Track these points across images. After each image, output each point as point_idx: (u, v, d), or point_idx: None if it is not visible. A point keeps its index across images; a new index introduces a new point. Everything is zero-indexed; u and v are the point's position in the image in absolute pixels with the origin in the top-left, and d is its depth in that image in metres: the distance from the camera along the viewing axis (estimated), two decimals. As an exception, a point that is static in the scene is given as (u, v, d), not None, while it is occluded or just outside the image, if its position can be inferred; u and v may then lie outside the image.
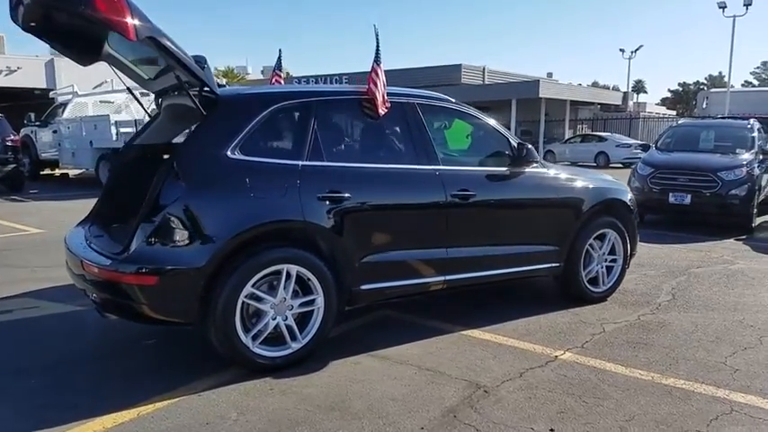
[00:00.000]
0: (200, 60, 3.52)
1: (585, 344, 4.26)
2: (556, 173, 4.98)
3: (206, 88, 3.62)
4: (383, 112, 4.06)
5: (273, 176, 3.62)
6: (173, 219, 3.37)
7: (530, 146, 4.63)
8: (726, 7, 28.68)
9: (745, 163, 9.10)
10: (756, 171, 9.14)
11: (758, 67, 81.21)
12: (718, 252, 7.63)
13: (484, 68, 37.12)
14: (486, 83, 36.41)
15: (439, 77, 33.76)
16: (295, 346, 3.71)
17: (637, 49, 43.12)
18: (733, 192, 8.78)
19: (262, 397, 3.36)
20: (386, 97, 4.09)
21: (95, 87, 18.29)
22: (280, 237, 3.63)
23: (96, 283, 3.49)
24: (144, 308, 3.38)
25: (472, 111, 4.73)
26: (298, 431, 3.00)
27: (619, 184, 5.64)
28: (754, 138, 9.89)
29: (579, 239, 5.01)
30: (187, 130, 4.75)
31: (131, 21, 3.10)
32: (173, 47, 3.32)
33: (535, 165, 4.72)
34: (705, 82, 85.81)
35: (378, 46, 4.11)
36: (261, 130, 3.68)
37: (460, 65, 35.02)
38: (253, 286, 3.52)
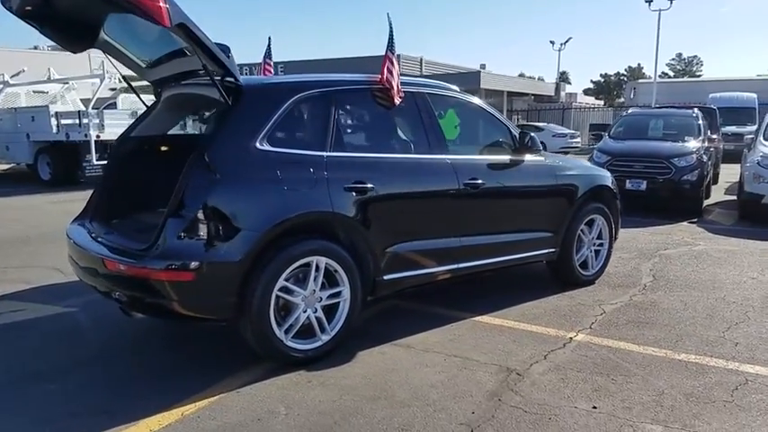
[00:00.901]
0: (225, 49, 3.41)
1: (593, 325, 4.44)
2: (552, 161, 5.14)
3: (229, 78, 3.51)
4: (398, 102, 4.06)
5: (302, 168, 3.57)
6: (209, 212, 3.26)
7: (532, 134, 4.76)
8: (652, 1, 30.10)
9: (694, 150, 9.65)
10: (704, 158, 9.71)
11: (673, 59, 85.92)
12: (677, 234, 8.07)
13: (421, 59, 37.48)
14: (424, 74, 36.81)
15: (376, 68, 33.80)
16: (324, 338, 3.68)
17: (566, 42, 44.67)
18: (685, 177, 9.30)
19: (303, 390, 3.32)
20: (400, 87, 4.09)
21: (12, 77, 17.14)
22: (310, 229, 3.59)
23: (122, 280, 3.33)
24: (175, 305, 3.26)
25: (475, 100, 4.81)
26: (352, 421, 2.99)
27: (602, 170, 5.87)
28: (700, 126, 10.50)
29: (573, 225, 5.20)
30: (188, 122, 4.60)
31: (164, 5, 2.96)
32: (201, 34, 3.20)
33: (535, 153, 4.85)
34: (625, 73, 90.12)
35: (391, 34, 4.10)
36: (285, 120, 3.61)
37: (399, 55, 35.08)
38: (285, 279, 3.47)
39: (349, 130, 3.90)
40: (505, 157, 4.73)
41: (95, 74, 13.95)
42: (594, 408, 3.16)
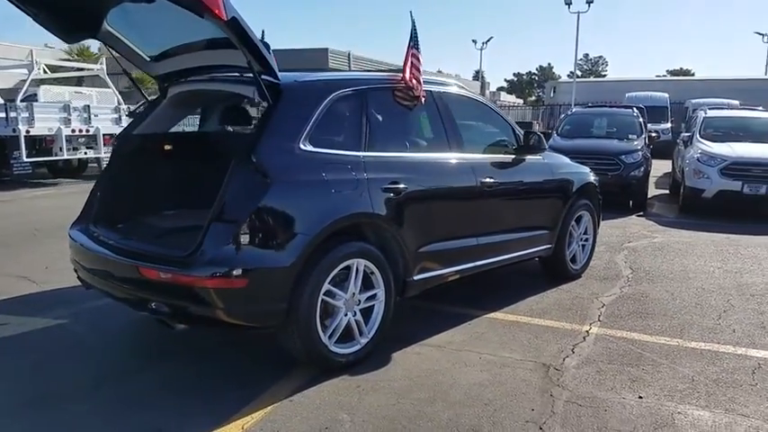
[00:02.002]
0: (266, 46, 3.27)
1: (600, 318, 4.62)
2: (549, 159, 5.28)
3: (268, 76, 3.36)
4: (423, 101, 4.05)
5: (343, 169, 3.49)
6: (260, 216, 3.12)
7: (539, 134, 4.88)
8: (571, 3, 31.48)
9: (640, 147, 10.22)
10: (648, 154, 10.31)
11: (581, 59, 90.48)
12: (633, 228, 8.52)
13: (349, 54, 37.46)
14: (353, 69, 36.80)
15: (306, 61, 33.55)
16: (363, 341, 3.63)
17: (488, 41, 45.93)
18: (633, 173, 9.83)
19: (357, 396, 3.25)
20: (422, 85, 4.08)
21: None
22: (351, 231, 3.51)
23: (163, 289, 3.12)
24: (223, 313, 3.10)
25: (481, 99, 4.87)
26: (421, 425, 2.97)
27: (585, 167, 6.11)
28: (640, 123, 11.13)
29: (566, 221, 5.39)
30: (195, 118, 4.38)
31: None
32: (249, 29, 3.05)
33: (541, 152, 4.98)
34: (537, 73, 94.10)
35: (415, 32, 4.07)
36: (323, 120, 3.51)
37: (327, 49, 34.97)
38: (329, 283, 3.38)
39: (380, 130, 3.83)
40: (512, 156, 4.83)
41: (23, 63, 12.94)
42: (641, 397, 3.30)
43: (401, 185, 3.71)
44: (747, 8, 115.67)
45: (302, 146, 3.35)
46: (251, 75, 3.36)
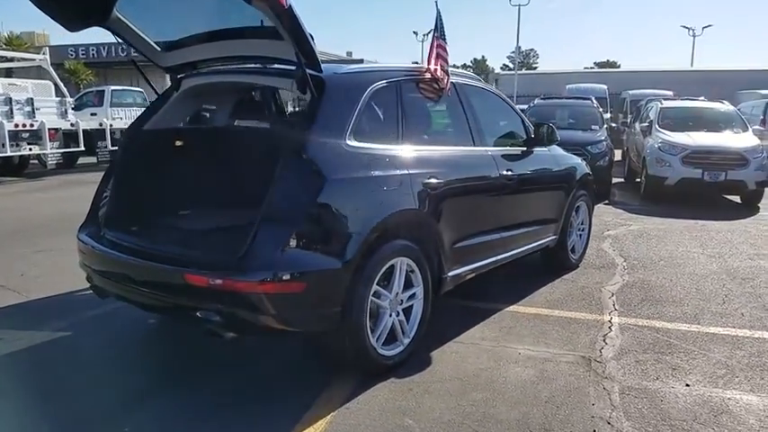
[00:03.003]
0: (311, 37, 3.08)
1: (615, 306, 4.68)
2: (554, 151, 5.30)
3: (311, 69, 3.17)
4: (448, 92, 3.97)
5: (387, 164, 3.35)
6: (315, 216, 2.94)
7: (551, 125, 4.88)
8: (513, -4, 32.06)
9: (604, 138, 10.52)
10: (610, 144, 10.62)
11: (513, 52, 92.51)
12: (605, 216, 8.73)
13: None
14: None
15: None
16: (405, 341, 3.52)
17: (427, 33, 46.12)
18: (599, 163, 10.06)
19: (413, 399, 3.14)
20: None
21: None
22: (396, 228, 3.38)
23: (214, 297, 2.89)
24: (274, 319, 2.91)
25: (494, 90, 4.82)
26: (491, 428, 2.89)
27: (580, 159, 6.18)
28: (600, 114, 11.44)
29: (569, 211, 5.44)
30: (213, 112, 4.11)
31: None
32: (301, 20, 2.85)
33: (554, 144, 4.98)
34: (471, 65, 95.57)
35: (441, 21, 3.96)
36: (364, 113, 3.35)
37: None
38: (376, 283, 3.25)
39: (413, 123, 3.71)
40: (525, 148, 4.81)
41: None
42: (687, 386, 3.35)
43: (438, 180, 3.61)
44: (673, 3, 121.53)
45: (348, 141, 3.19)
46: (279, 66, 3.18)
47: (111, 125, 14.26)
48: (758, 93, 19.52)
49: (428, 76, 3.91)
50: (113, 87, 17.69)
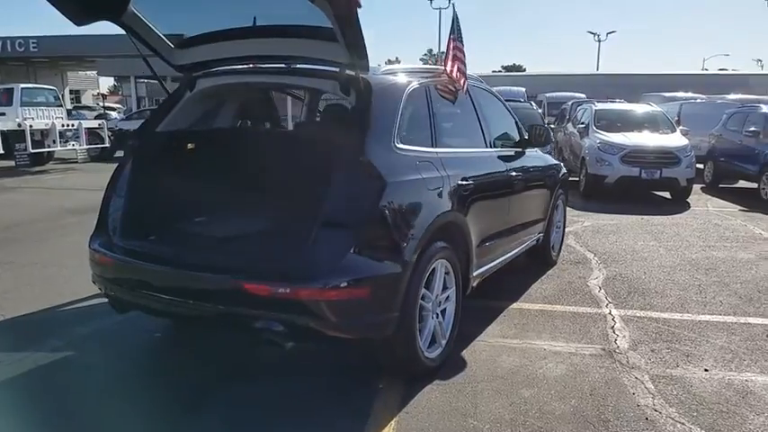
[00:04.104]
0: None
1: (616, 299, 4.90)
2: (538, 151, 5.48)
3: (354, 71, 3.11)
4: (464, 93, 4.03)
5: (429, 166, 3.34)
6: (375, 219, 2.88)
7: (546, 127, 5.04)
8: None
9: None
10: (552, 145, 11.08)
11: (425, 54, 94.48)
12: (557, 213, 9.12)
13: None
14: None
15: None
16: (443, 343, 3.53)
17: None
18: (544, 163, 10.51)
19: (467, 400, 3.16)
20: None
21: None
22: (439, 230, 3.38)
23: (274, 306, 2.77)
24: (335, 327, 2.84)
25: (494, 91, 4.92)
26: (551, 422, 2.96)
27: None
28: (541, 116, 11.92)
29: (552, 209, 5.66)
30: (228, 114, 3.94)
31: None
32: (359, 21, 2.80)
33: (547, 145, 5.15)
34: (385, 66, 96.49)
35: (457, 23, 4.00)
36: (404, 116, 3.33)
37: (182, 35, 33.08)
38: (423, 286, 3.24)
39: (442, 124, 3.73)
40: (522, 149, 4.94)
41: None
42: (706, 371, 3.58)
43: (468, 181, 3.66)
44: (581, 9, 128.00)
45: (396, 143, 3.16)
46: (318, 67, 3.11)
47: (30, 126, 13.24)
48: (662, 95, 21.02)
49: (443, 77, 3.94)
50: (23, 85, 16.45)
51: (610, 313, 4.57)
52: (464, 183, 3.61)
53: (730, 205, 10.18)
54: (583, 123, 11.90)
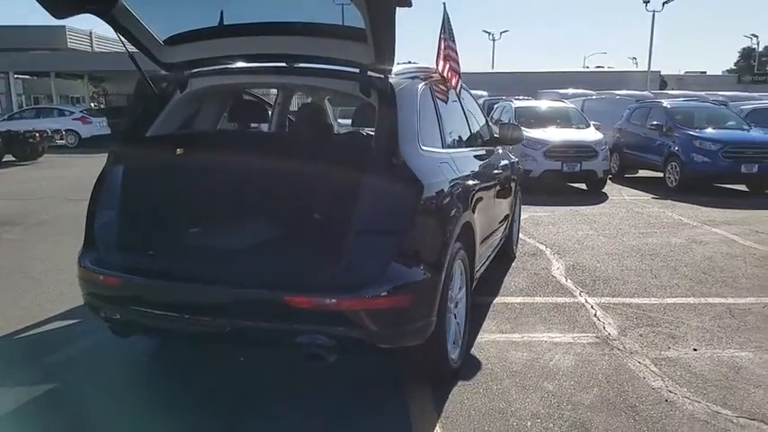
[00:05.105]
0: None
1: (584, 288, 5.13)
2: (504, 148, 5.61)
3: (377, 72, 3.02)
4: (457, 93, 4.04)
5: (447, 167, 3.32)
6: (414, 223, 2.80)
7: (516, 124, 5.16)
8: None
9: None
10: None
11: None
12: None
13: (91, 33, 34.14)
14: (96, 50, 33.81)
15: (39, 40, 30.03)
16: (460, 342, 3.53)
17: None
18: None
19: (499, 399, 3.17)
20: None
21: None
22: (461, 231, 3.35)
23: (321, 318, 2.62)
24: (379, 337, 2.76)
25: (467, 88, 4.98)
26: (582, 411, 3.04)
27: None
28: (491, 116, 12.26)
29: (515, 204, 5.82)
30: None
31: None
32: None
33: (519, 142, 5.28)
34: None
35: (448, 21, 4.00)
36: (420, 116, 3.28)
37: (65, 26, 31.24)
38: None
39: (446, 125, 3.70)
40: (494, 147, 5.03)
41: None
42: (695, 350, 3.83)
43: (475, 181, 3.69)
44: (475, 10, 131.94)
45: (421, 145, 3.10)
46: (334, 67, 3.02)
47: None
48: (557, 92, 22.28)
49: (438, 76, 3.93)
50: None
51: (586, 302, 4.78)
52: (472, 182, 3.62)
53: (642, 194, 10.98)
54: (505, 120, 12.32)
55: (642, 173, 13.10)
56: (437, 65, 3.95)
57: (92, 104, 34.71)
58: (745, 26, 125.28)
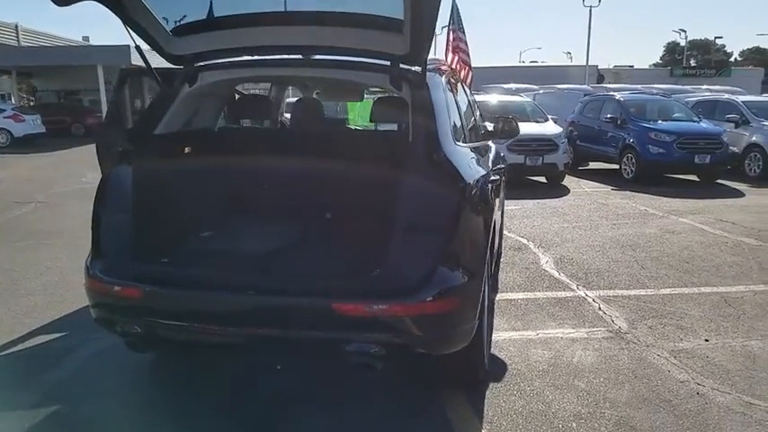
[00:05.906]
0: None
1: (579, 281, 5.13)
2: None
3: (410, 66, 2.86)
4: (467, 84, 3.93)
5: (474, 163, 3.19)
6: (459, 223, 2.64)
7: (512, 118, 5.08)
8: None
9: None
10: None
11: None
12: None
13: (17, 26, 32.12)
14: (23, 44, 31.83)
15: None
16: (489, 344, 3.42)
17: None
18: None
19: (536, 400, 3.09)
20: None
21: None
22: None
23: (371, 325, 2.45)
24: (428, 343, 2.62)
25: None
26: (623, 408, 3.00)
27: None
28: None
29: (502, 199, 5.77)
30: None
31: None
32: None
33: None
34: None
35: (457, 12, 3.88)
36: (449, 110, 3.14)
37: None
38: (479, 288, 3.10)
39: (460, 118, 3.57)
40: (490, 140, 4.95)
41: None
42: (707, 340, 3.88)
43: (495, 176, 3.60)
44: None
45: (455, 139, 2.97)
46: (363, 59, 2.85)
47: None
48: (501, 87, 22.65)
49: (448, 68, 3.80)
50: None
51: (586, 296, 4.78)
52: (493, 177, 3.52)
53: (601, 185, 11.23)
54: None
55: (594, 165, 13.41)
56: (446, 57, 3.82)
57: (20, 102, 32.74)
58: (672, 22, 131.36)
